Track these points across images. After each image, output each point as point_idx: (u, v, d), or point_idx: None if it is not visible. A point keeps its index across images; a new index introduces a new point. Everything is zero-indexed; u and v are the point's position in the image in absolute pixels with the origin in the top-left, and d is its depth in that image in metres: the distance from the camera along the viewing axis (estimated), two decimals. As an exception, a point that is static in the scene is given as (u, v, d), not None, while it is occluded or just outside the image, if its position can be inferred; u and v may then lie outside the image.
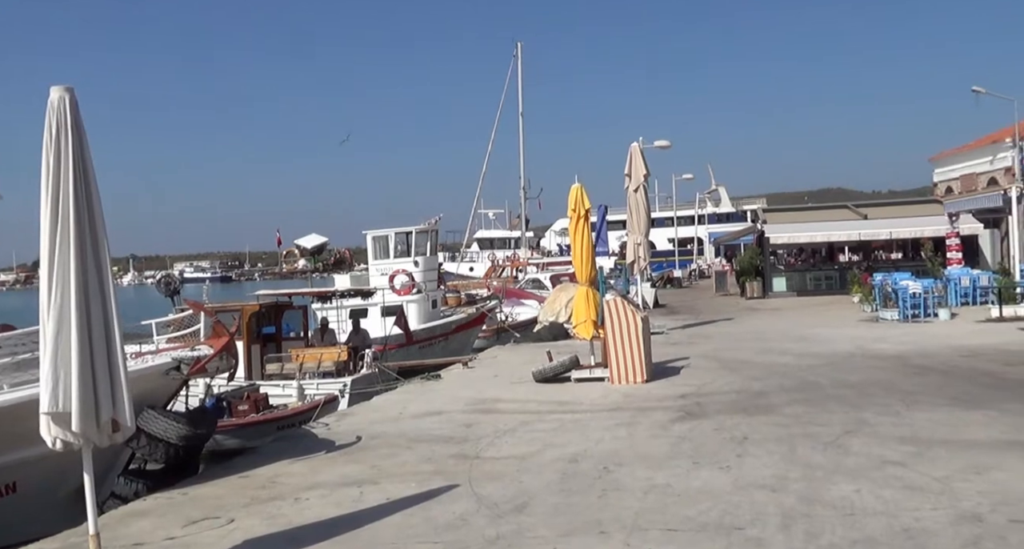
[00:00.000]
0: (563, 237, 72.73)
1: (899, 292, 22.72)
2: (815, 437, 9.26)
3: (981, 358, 14.83)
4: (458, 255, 58.29)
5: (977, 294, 25.45)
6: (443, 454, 9.47)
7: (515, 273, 44.47)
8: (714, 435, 9.70)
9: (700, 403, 11.80)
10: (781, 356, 16.42)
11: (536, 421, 11.14)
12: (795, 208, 46.48)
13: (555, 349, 16.60)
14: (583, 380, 14.25)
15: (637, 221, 22.89)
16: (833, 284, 35.26)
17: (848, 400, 11.41)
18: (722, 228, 69.18)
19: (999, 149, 38.43)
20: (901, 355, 15.71)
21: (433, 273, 27.80)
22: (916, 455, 8.26)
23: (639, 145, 23.15)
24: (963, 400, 11.02)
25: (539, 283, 37.82)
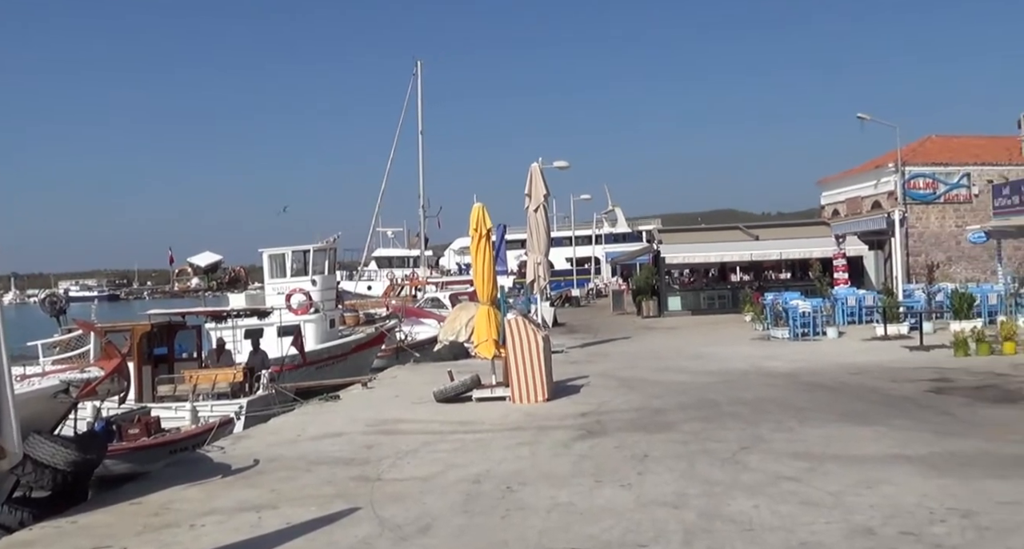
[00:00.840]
0: (462, 256, 72.79)
1: (789, 311, 23.40)
2: (713, 453, 9.44)
3: (868, 375, 15.35)
4: (356, 274, 57.66)
5: (863, 313, 26.42)
6: (344, 476, 9.33)
7: (414, 292, 44.22)
8: (615, 453, 9.79)
9: (601, 421, 11.90)
10: (678, 374, 16.71)
11: (438, 441, 11.07)
12: (689, 229, 47.49)
13: (456, 368, 16.55)
14: (484, 399, 14.23)
15: (537, 240, 23.08)
16: (726, 303, 36.12)
17: (744, 417, 11.67)
18: (619, 248, 70.30)
19: (882, 174, 40.03)
20: (793, 373, 16.16)
21: (331, 292, 27.46)
22: (810, 470, 8.49)
23: (539, 165, 23.36)
24: (853, 416, 11.39)
25: (438, 302, 37.71)
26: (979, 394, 12.76)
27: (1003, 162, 39.59)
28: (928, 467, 8.38)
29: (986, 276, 35.09)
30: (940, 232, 38.82)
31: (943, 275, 36.83)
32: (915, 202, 38.53)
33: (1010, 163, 39.31)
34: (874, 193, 41.22)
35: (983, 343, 17.33)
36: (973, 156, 40.37)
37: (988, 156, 40.37)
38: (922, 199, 38.78)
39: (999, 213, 24.96)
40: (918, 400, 12.52)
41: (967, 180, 39.11)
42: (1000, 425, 10.40)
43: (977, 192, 38.35)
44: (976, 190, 38.55)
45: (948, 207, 39.03)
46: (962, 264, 38.48)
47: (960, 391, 13.11)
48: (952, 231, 38.40)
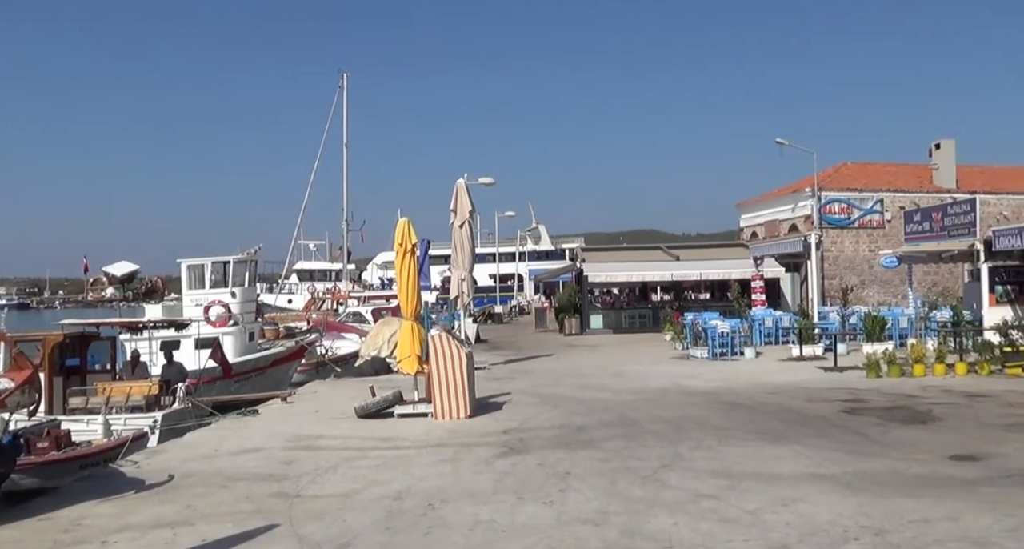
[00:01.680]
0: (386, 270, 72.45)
1: (708, 331, 23.78)
2: (634, 471, 9.52)
3: (784, 395, 15.67)
4: (277, 287, 56.88)
5: (779, 334, 26.98)
6: (262, 493, 9.17)
7: (336, 306, 43.78)
8: (537, 470, 9.81)
9: (523, 438, 11.92)
10: (600, 392, 16.83)
11: (359, 458, 10.96)
12: (612, 248, 48.03)
13: (378, 384, 16.43)
14: (407, 415, 14.14)
15: (462, 256, 23.03)
16: (647, 322, 36.58)
17: (664, 435, 11.80)
18: (542, 265, 70.67)
19: (800, 198, 41.01)
20: (712, 392, 16.41)
21: (251, 304, 26.99)
22: (729, 488, 8.62)
23: (464, 181, 23.37)
24: (770, 435, 11.61)
25: (360, 317, 37.38)
26: (890, 415, 13.11)
27: (915, 189, 40.93)
28: (842, 486, 8.58)
29: (897, 300, 36.17)
30: (854, 256, 39.89)
31: (856, 298, 37.80)
32: (830, 226, 39.54)
33: (921, 190, 40.67)
34: (791, 217, 42.19)
35: (894, 365, 17.85)
36: (886, 183, 41.65)
37: (900, 183, 41.70)
38: (837, 224, 39.81)
39: (910, 239, 25.75)
40: (832, 420, 12.82)
41: (880, 206, 40.30)
42: (910, 445, 10.71)
43: (890, 218, 39.53)
44: (889, 216, 39.73)
45: (862, 232, 40.15)
46: (875, 288, 39.58)
47: (872, 411, 13.46)
48: (865, 255, 39.50)
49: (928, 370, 17.87)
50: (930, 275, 38.54)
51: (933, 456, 9.98)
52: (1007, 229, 19.19)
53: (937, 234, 23.78)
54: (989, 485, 8.49)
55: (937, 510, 7.58)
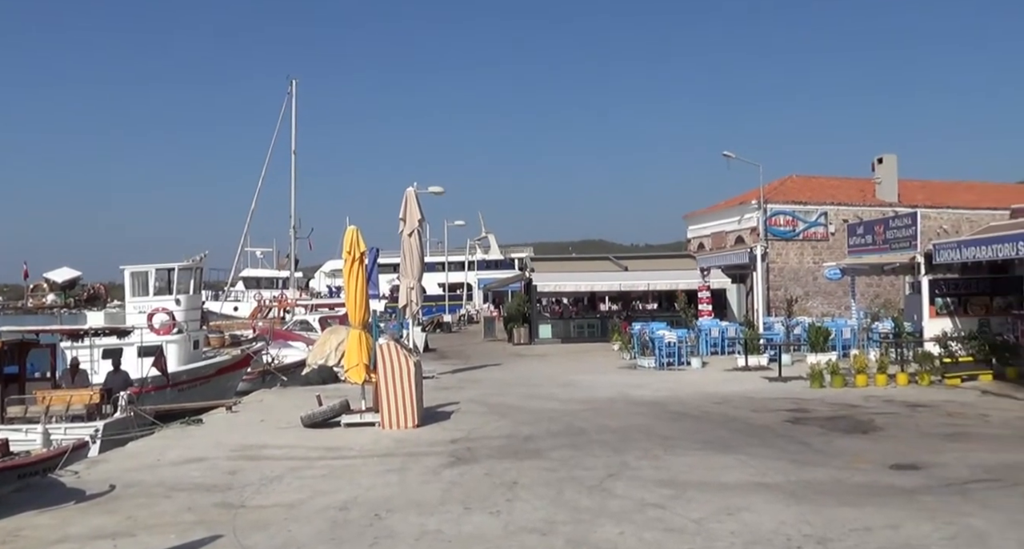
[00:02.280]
0: (334, 278, 71.94)
1: (656, 341, 23.95)
2: (581, 481, 9.55)
3: (730, 405, 15.82)
4: (223, 294, 56.18)
5: (725, 344, 27.23)
6: (205, 503, 9.03)
7: (282, 314, 43.38)
8: (485, 480, 9.80)
9: (471, 448, 11.90)
10: (548, 401, 16.86)
11: (305, 468, 10.85)
12: (561, 258, 48.13)
13: (325, 393, 16.30)
14: (353, 425, 14.04)
15: (411, 265, 22.98)
16: (595, 332, 36.71)
17: (611, 444, 11.85)
18: (491, 275, 70.69)
19: (746, 210, 41.54)
20: (659, 401, 16.52)
21: (196, 312, 26.62)
22: (674, 498, 8.67)
23: (414, 190, 23.32)
24: (716, 444, 11.71)
25: (308, 325, 37.09)
26: (833, 424, 13.30)
27: (858, 202, 41.70)
28: (786, 495, 8.68)
29: (841, 311, 36.76)
30: (799, 268, 40.49)
31: (801, 309, 38.33)
32: (776, 238, 40.11)
33: (864, 204, 41.45)
34: (738, 228, 42.72)
35: (837, 375, 18.11)
36: (830, 196, 42.37)
37: (844, 196, 42.45)
38: (782, 236, 40.40)
39: (853, 251, 26.15)
40: (777, 430, 12.97)
41: (824, 219, 40.97)
42: (852, 454, 10.87)
43: (833, 230, 40.20)
44: (832, 228, 40.41)
45: (806, 244, 40.78)
46: (819, 299, 40.21)
47: (816, 421, 13.65)
48: (810, 267, 40.11)
49: (870, 380, 18.18)
50: (872, 287, 39.23)
51: (875, 465, 10.14)
52: (947, 243, 19.59)
53: (879, 247, 24.19)
54: (929, 494, 8.64)
55: (878, 518, 7.70)
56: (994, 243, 17.28)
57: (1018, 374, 18.27)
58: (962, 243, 18.83)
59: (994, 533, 7.19)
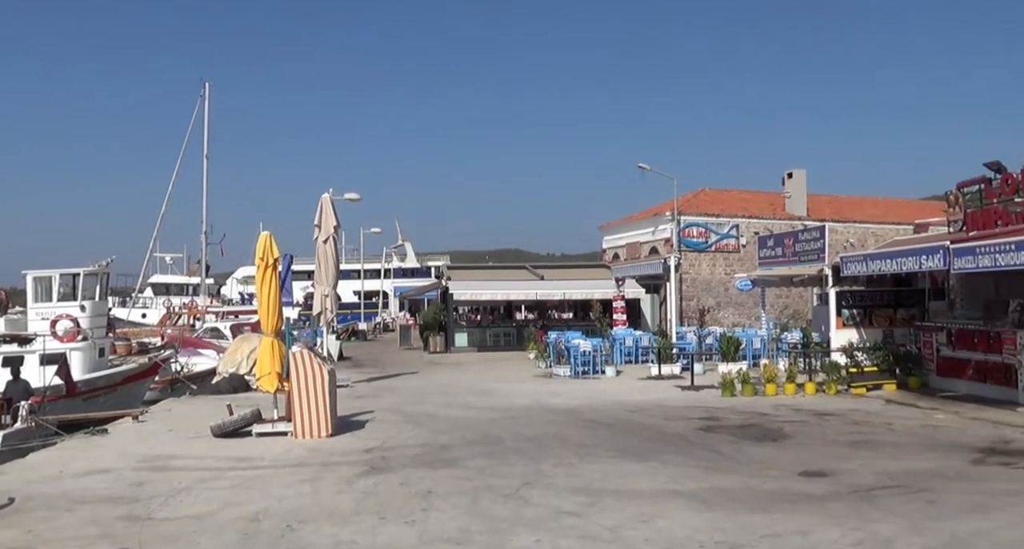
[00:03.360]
0: (246, 285, 70.61)
1: (571, 350, 24.11)
2: (497, 489, 9.52)
3: (644, 413, 15.99)
4: (130, 300, 54.71)
5: (639, 353, 27.57)
6: (110, 516, 8.74)
7: (193, 321, 42.45)
8: (400, 489, 9.70)
9: (386, 457, 11.78)
10: (464, 410, 16.82)
11: (215, 478, 10.60)
12: (477, 266, 48.16)
13: (236, 402, 15.97)
14: (265, 434, 13.78)
15: (325, 272, 22.73)
16: (511, 341, 36.81)
17: (527, 453, 11.86)
18: (408, 283, 70.20)
19: (660, 221, 42.11)
20: (574, 410, 16.61)
21: (101, 319, 25.83)
22: (589, 505, 8.71)
23: (330, 196, 23.09)
24: (630, 452, 11.81)
25: (218, 332, 36.31)
26: (744, 432, 13.54)
27: (768, 216, 42.62)
28: (699, 502, 8.79)
29: (751, 321, 37.50)
30: (711, 279, 41.18)
31: (713, 319, 39.09)
32: (689, 249, 40.73)
33: (774, 217, 42.38)
34: (652, 239, 43.28)
35: (748, 384, 18.47)
36: (742, 209, 43.24)
37: (755, 209, 43.36)
38: (695, 247, 41.05)
39: (763, 263, 26.72)
40: (689, 438, 13.15)
41: (736, 231, 41.77)
42: (762, 462, 11.07)
43: (744, 242, 41.02)
44: (744, 241, 41.22)
45: (719, 255, 41.51)
46: (730, 309, 40.95)
47: (727, 429, 13.87)
48: (722, 278, 40.83)
49: (779, 389, 18.57)
50: (782, 298, 40.12)
51: (784, 472, 10.34)
52: (853, 256, 20.16)
53: (789, 259, 24.77)
54: (836, 500, 8.84)
55: (788, 525, 7.85)
56: (898, 257, 17.85)
57: (920, 384, 18.87)
58: (868, 256, 19.39)
59: (899, 538, 7.38)
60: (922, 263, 16.86)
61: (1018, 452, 11.54)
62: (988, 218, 17.03)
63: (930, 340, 19.25)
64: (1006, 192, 16.78)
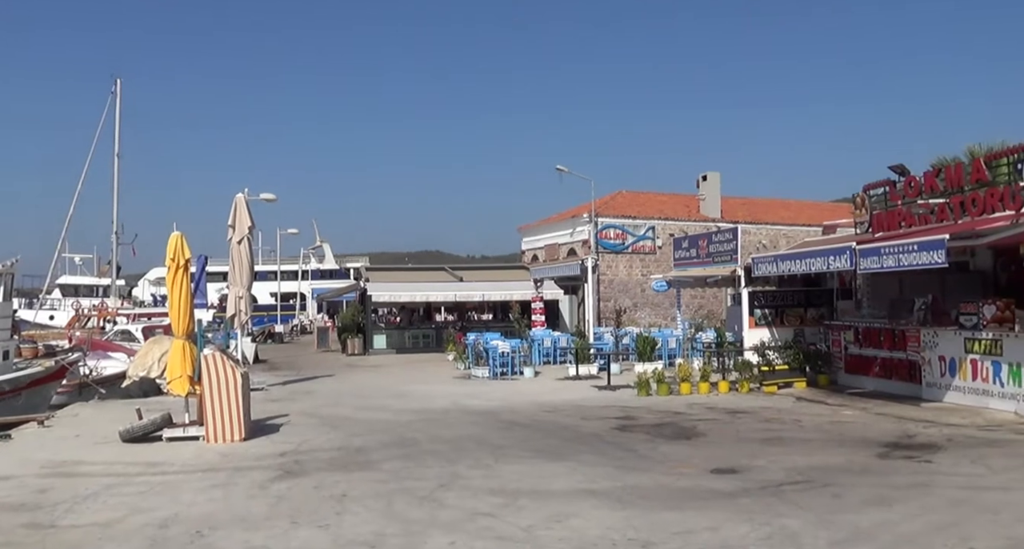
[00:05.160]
0: (158, 287, 69.02)
1: (490, 351, 24.13)
2: (412, 492, 9.48)
3: (561, 413, 16.09)
4: (37, 302, 53.06)
5: (558, 354, 27.75)
6: (11, 524, 8.45)
7: (102, 323, 41.30)
8: (314, 493, 9.59)
9: (300, 461, 11.63)
10: (381, 412, 16.71)
11: (123, 484, 10.33)
12: (396, 268, 47.91)
13: (146, 406, 15.63)
14: (176, 439, 13.49)
15: (240, 273, 22.38)
16: (430, 342, 36.72)
17: (443, 454, 11.84)
18: (325, 284, 69.49)
19: (578, 223, 42.47)
20: (492, 411, 16.63)
21: (6, 321, 24.94)
22: (505, 506, 8.73)
23: (245, 196, 22.74)
24: (546, 453, 11.87)
25: (129, 335, 35.35)
26: (658, 431, 13.72)
27: (683, 217, 43.33)
28: (613, 500, 8.87)
29: (667, 321, 38.07)
30: (628, 280, 41.68)
31: (629, 319, 39.55)
32: (606, 251, 41.18)
33: (689, 219, 43.10)
34: (570, 241, 43.62)
35: (663, 384, 18.72)
36: (658, 211, 43.87)
37: (671, 212, 44.03)
38: (612, 249, 41.51)
39: (679, 264, 27.10)
40: (605, 437, 13.27)
41: (652, 233, 42.36)
42: (676, 460, 11.23)
43: (660, 244, 41.61)
44: (660, 242, 41.82)
45: (635, 257, 42.04)
46: (646, 310, 41.49)
47: (642, 428, 14.04)
48: (638, 279, 41.35)
49: (694, 388, 18.86)
50: (696, 298, 40.81)
51: (697, 470, 10.51)
52: (765, 257, 20.58)
53: (703, 260, 25.16)
54: (747, 496, 9.01)
55: (699, 521, 7.97)
56: (807, 258, 18.28)
57: (829, 381, 19.38)
58: (779, 257, 19.83)
59: (806, 532, 7.56)
60: (830, 264, 17.31)
61: (921, 446, 11.91)
62: (893, 220, 17.58)
63: (838, 338, 19.78)
64: (909, 194, 17.33)
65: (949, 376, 16.03)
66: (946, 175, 16.51)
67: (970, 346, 15.51)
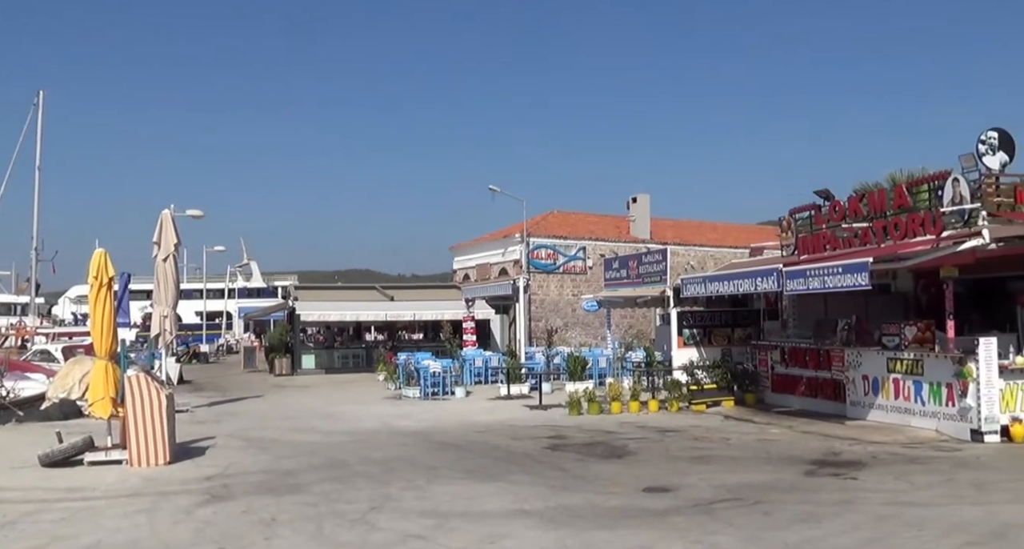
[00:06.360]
0: (79, 305, 67.39)
1: (421, 371, 24.01)
2: (343, 515, 9.35)
3: (493, 433, 16.05)
4: (-50, 322, 51.33)
5: (489, 374, 27.71)
6: (-79, 554, 8.14)
7: (20, 343, 40.12)
8: (242, 518, 9.39)
9: (227, 484, 11.40)
10: (310, 434, 16.48)
11: (42, 511, 10.00)
12: (326, 286, 47.49)
13: (66, 429, 15.15)
14: (98, 463, 13.12)
15: (165, 292, 21.95)
16: (360, 362, 36.43)
17: (374, 476, 11.71)
18: (253, 303, 68.56)
19: (510, 243, 42.59)
20: (422, 431, 16.52)
21: (-83, 342, 24.20)
22: (437, 527, 8.65)
23: (171, 213, 22.36)
24: (478, 473, 11.82)
25: (49, 355, 34.39)
26: (589, 450, 13.77)
27: (614, 238, 43.77)
28: (545, 520, 8.86)
29: (597, 341, 38.30)
30: (559, 299, 41.88)
31: (560, 339, 39.73)
32: (538, 271, 41.35)
33: (620, 240, 43.55)
34: (502, 261, 43.70)
35: (594, 403, 18.80)
36: (589, 231, 44.24)
37: (601, 232, 44.44)
38: (544, 268, 41.70)
39: (609, 285, 27.32)
40: (537, 457, 13.26)
41: (583, 253, 42.68)
42: (607, 479, 11.27)
43: (591, 264, 41.94)
44: (590, 263, 42.15)
45: (566, 277, 42.29)
46: (577, 330, 41.72)
47: (573, 448, 14.07)
48: (569, 299, 41.59)
49: (624, 407, 18.99)
50: (627, 318, 41.17)
51: (628, 489, 10.56)
52: (693, 277, 20.89)
53: (633, 281, 25.41)
54: (678, 514, 9.08)
55: (632, 540, 8.00)
56: (736, 279, 18.60)
57: (756, 400, 19.69)
58: (707, 278, 20.13)
59: (735, 550, 7.63)
60: (758, 285, 17.63)
61: (846, 463, 12.14)
62: (818, 243, 17.97)
63: (765, 358, 20.11)
64: (834, 218, 17.74)
65: (872, 395, 16.39)
66: (869, 200, 16.95)
67: (892, 366, 15.89)
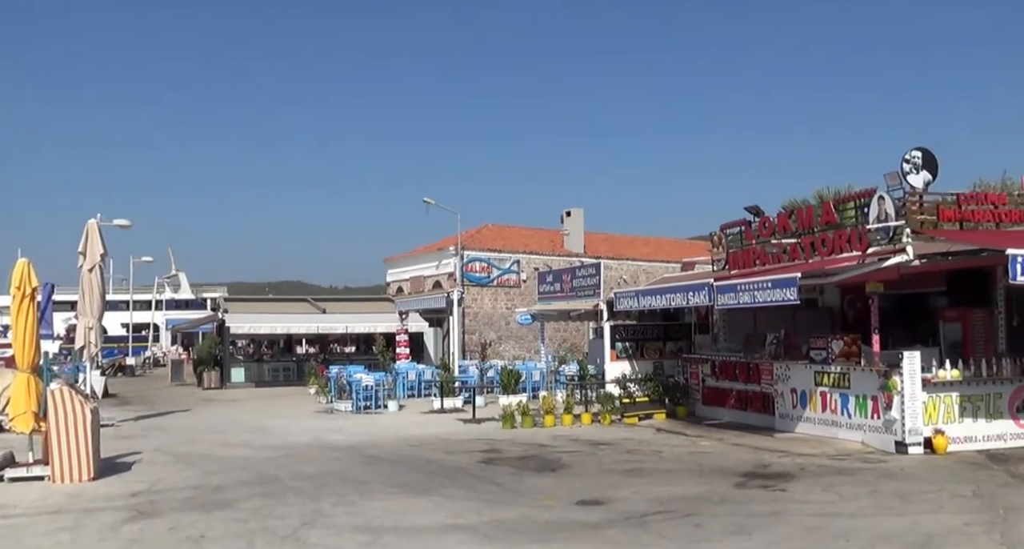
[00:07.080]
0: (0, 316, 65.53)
1: (353, 384, 23.81)
2: (273, 531, 9.20)
3: (426, 447, 15.96)
4: None
5: (422, 387, 27.59)
6: None
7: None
8: (169, 535, 9.19)
9: (153, 501, 11.15)
10: (239, 449, 16.22)
11: (-43, 529, 9.67)
12: (256, 298, 46.86)
13: (-15, 444, 14.71)
14: (19, 479, 12.73)
15: (90, 303, 21.47)
16: (291, 375, 35.98)
17: (306, 492, 11.55)
18: (181, 315, 67.36)
19: (444, 256, 42.50)
20: (355, 446, 16.36)
21: None
22: (370, 544, 8.56)
23: (97, 222, 21.90)
24: (411, 488, 11.73)
25: (-33, 369, 33.43)
26: (523, 464, 13.77)
27: (548, 252, 43.93)
28: (480, 535, 8.83)
29: (531, 354, 38.36)
30: (493, 313, 41.88)
31: (494, 352, 39.72)
32: (472, 284, 41.30)
33: (554, 253, 43.72)
34: (436, 273, 43.58)
35: (527, 416, 18.82)
36: (523, 245, 44.35)
37: (536, 246, 44.59)
38: (478, 282, 41.68)
39: (543, 298, 27.42)
40: (470, 471, 13.22)
41: (517, 266, 42.76)
42: (541, 492, 11.28)
43: (525, 278, 42.02)
44: (524, 276, 42.24)
45: (500, 290, 42.31)
46: (511, 343, 41.75)
47: (507, 461, 14.06)
48: (503, 312, 41.61)
49: (558, 420, 19.05)
50: (560, 332, 41.31)
51: (562, 502, 10.58)
52: (626, 291, 21.06)
53: (567, 294, 25.54)
54: (611, 527, 9.12)
55: (565, 555, 8.01)
56: (668, 293, 18.81)
57: (688, 412, 19.91)
58: (639, 292, 20.32)
59: (668, 563, 7.68)
60: (690, 299, 17.84)
61: (776, 475, 12.32)
62: (748, 258, 18.28)
63: (696, 371, 20.35)
64: (764, 234, 18.07)
65: (800, 408, 16.69)
66: (798, 217, 17.30)
67: (820, 379, 16.20)
